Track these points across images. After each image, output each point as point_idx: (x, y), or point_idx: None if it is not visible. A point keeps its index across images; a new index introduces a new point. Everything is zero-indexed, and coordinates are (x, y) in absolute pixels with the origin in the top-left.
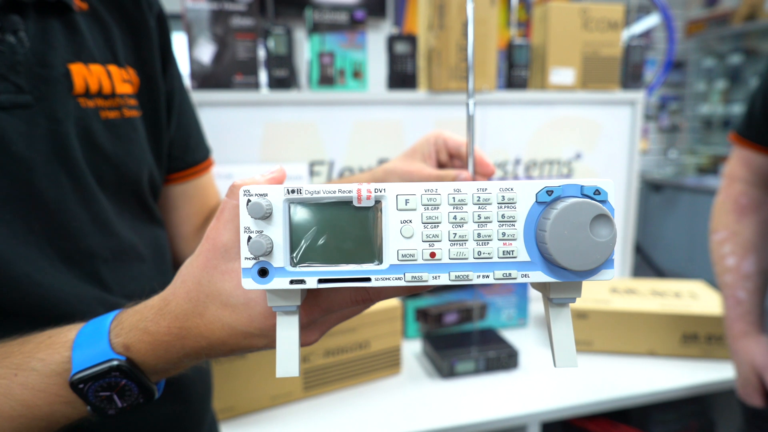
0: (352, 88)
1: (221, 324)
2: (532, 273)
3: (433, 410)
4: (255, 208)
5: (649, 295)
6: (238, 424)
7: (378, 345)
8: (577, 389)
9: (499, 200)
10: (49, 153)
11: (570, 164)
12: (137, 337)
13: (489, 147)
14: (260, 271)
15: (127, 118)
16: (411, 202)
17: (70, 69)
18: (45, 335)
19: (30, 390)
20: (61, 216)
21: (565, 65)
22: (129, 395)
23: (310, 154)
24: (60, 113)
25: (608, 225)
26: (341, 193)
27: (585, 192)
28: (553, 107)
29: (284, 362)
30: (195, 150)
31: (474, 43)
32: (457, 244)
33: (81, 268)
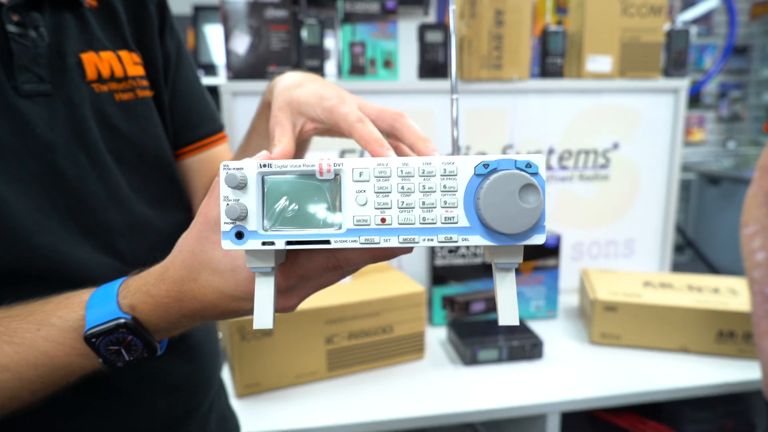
0: (382, 77)
1: (212, 288)
2: (471, 237)
3: (453, 395)
4: (230, 179)
5: (685, 289)
6: (264, 399)
7: (401, 330)
8: (602, 382)
9: (441, 172)
10: (68, 135)
11: (606, 154)
12: (141, 298)
13: (519, 137)
14: (237, 234)
15: (140, 98)
16: (364, 174)
17: (82, 58)
18: (63, 297)
19: (51, 342)
20: (81, 192)
21: (603, 52)
22: (134, 350)
23: (342, 142)
24: (76, 99)
25: (535, 193)
26: (305, 167)
27: (518, 165)
28: (589, 96)
29: (260, 316)
30: (199, 125)
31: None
32: (405, 211)
33: (99, 240)
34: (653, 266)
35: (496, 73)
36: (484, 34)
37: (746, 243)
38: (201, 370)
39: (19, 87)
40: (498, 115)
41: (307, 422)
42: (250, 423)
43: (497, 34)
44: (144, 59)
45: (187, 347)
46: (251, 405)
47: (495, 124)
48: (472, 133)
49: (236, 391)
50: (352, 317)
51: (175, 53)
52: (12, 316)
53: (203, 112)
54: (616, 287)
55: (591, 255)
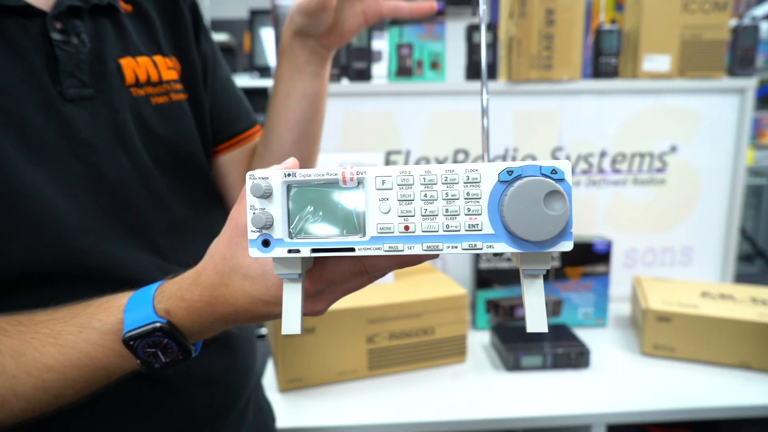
0: (429, 78)
1: (243, 293)
2: (496, 244)
3: (494, 401)
4: (255, 188)
5: (748, 302)
6: (305, 395)
7: (443, 332)
8: (653, 395)
9: (464, 180)
10: (110, 138)
11: (663, 157)
12: (175, 303)
13: (569, 139)
14: (263, 242)
15: (174, 101)
16: (387, 182)
17: (121, 63)
18: (104, 300)
19: (92, 344)
20: (123, 192)
21: (661, 51)
22: (170, 352)
23: (388, 143)
24: (117, 103)
25: (561, 200)
26: (329, 176)
27: (543, 172)
28: (646, 96)
29: (288, 322)
30: (237, 121)
31: (553, 31)
32: (428, 219)
33: (140, 238)
34: (713, 276)
35: (546, 74)
36: (534, 33)
37: None
38: (239, 364)
39: (64, 92)
40: (547, 117)
41: (347, 420)
42: (291, 417)
43: (548, 33)
44: (181, 63)
45: (225, 342)
46: (293, 400)
47: (544, 126)
48: (521, 135)
49: (279, 385)
50: (393, 317)
51: (212, 55)
52: (57, 319)
53: (239, 109)
54: (671, 297)
55: (645, 262)
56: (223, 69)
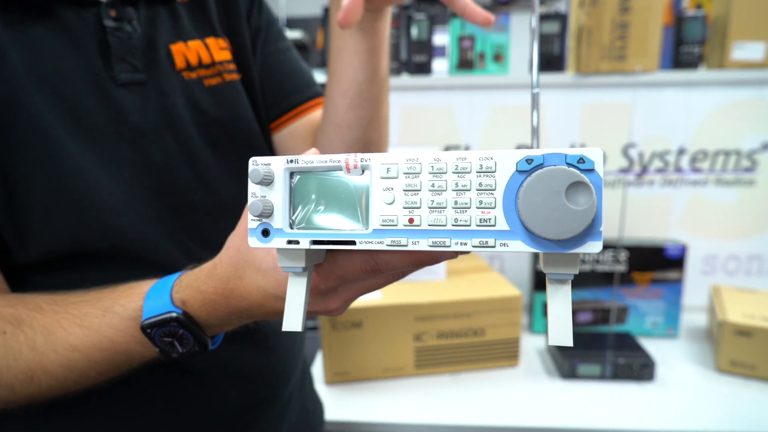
0: (492, 71)
1: (256, 287)
2: (511, 242)
3: (545, 409)
4: (254, 174)
5: None
6: (351, 389)
7: (494, 334)
8: (725, 415)
9: (477, 169)
10: (157, 121)
11: (753, 156)
12: (191, 294)
13: (642, 135)
14: (263, 231)
15: (228, 81)
16: (392, 170)
17: (171, 48)
18: (128, 286)
19: (114, 329)
20: (169, 175)
21: (754, 38)
22: (186, 343)
23: (446, 138)
24: (167, 87)
25: (587, 193)
26: (332, 163)
27: (569, 161)
28: (733, 88)
29: (290, 317)
30: (292, 94)
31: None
32: (436, 211)
33: (183, 220)
34: None
35: (619, 65)
36: (607, 22)
37: None
38: (275, 360)
39: (116, 76)
40: (618, 111)
41: (391, 416)
42: (335, 410)
43: (622, 22)
44: (232, 43)
45: (261, 337)
46: (338, 392)
47: (614, 120)
48: (589, 129)
49: (325, 377)
50: (442, 316)
51: (265, 27)
52: (86, 301)
53: (297, 80)
54: (754, 309)
55: (727, 270)
56: (280, 42)
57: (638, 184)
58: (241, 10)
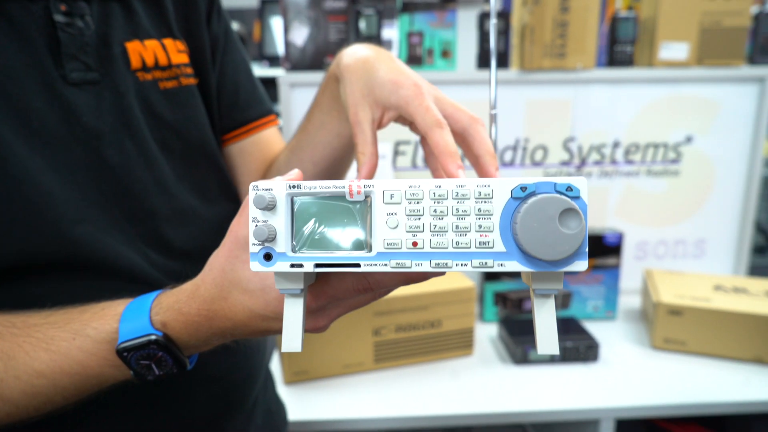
0: (440, 67)
1: (242, 307)
2: (507, 262)
3: (501, 394)
4: (258, 200)
5: (762, 295)
6: (311, 387)
7: (450, 325)
8: (663, 389)
9: (476, 195)
10: (114, 123)
11: (678, 148)
12: (172, 316)
13: (581, 129)
14: (265, 255)
15: (184, 85)
16: (395, 197)
17: (126, 47)
18: (99, 307)
19: (85, 353)
20: (127, 179)
21: (678, 39)
22: (165, 365)
23: (396, 133)
24: (122, 87)
25: (576, 218)
26: (335, 189)
27: (558, 189)
28: (661, 86)
29: (289, 339)
30: (246, 108)
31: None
32: (437, 235)
33: (143, 226)
34: (727, 269)
35: (560, 63)
36: (548, 21)
37: None
38: (242, 363)
39: (67, 75)
40: (560, 107)
41: (353, 413)
42: (296, 410)
43: (562, 21)
44: (189, 46)
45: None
46: (298, 392)
47: (556, 116)
48: (532, 125)
49: (284, 378)
50: (400, 310)
51: (223, 36)
52: (51, 323)
53: (251, 95)
54: (683, 290)
55: (657, 255)
56: (237, 53)
57: (578, 176)
58: (201, 14)
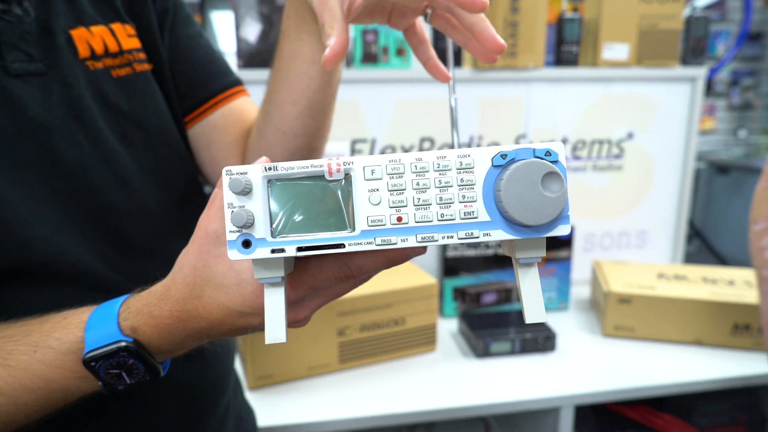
0: (395, 65)
1: (217, 305)
2: (493, 232)
3: (466, 388)
4: (234, 183)
5: (700, 281)
6: (276, 392)
7: (414, 322)
8: (616, 374)
9: (457, 166)
10: (65, 116)
11: (621, 144)
12: (143, 320)
13: (534, 126)
14: (244, 242)
15: (138, 72)
16: (376, 172)
17: (72, 35)
18: (61, 316)
19: (47, 366)
20: (82, 175)
21: (620, 40)
22: (136, 373)
23: (352, 132)
24: (70, 78)
25: (558, 181)
26: (313, 168)
27: (537, 154)
28: (605, 84)
29: (272, 330)
30: (208, 82)
31: (517, 19)
32: (422, 208)
33: (103, 225)
34: (665, 257)
35: (511, 62)
36: (500, 20)
37: (755, 240)
38: (212, 368)
39: (8, 66)
40: (512, 105)
41: (320, 415)
42: (262, 416)
43: (512, 21)
44: (139, 29)
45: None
46: (263, 397)
47: (508, 113)
48: (486, 122)
49: (248, 383)
50: (364, 309)
51: (172, 10)
52: (7, 337)
53: (212, 68)
54: (631, 279)
55: (603, 246)
56: (189, 26)
57: None
58: None
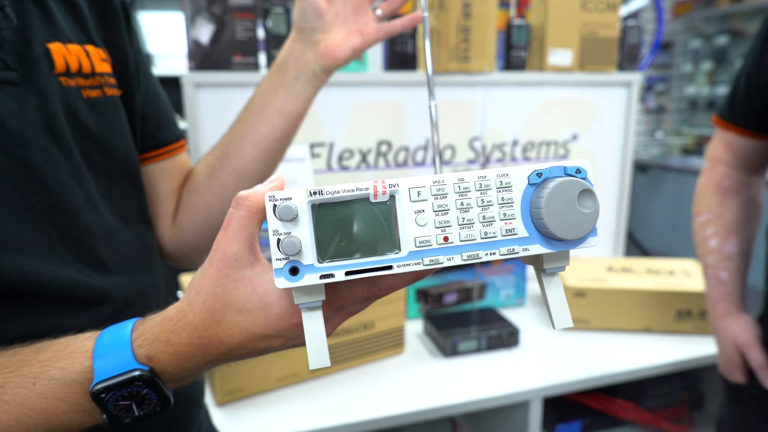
0: (351, 68)
1: (239, 329)
2: (531, 246)
3: (439, 388)
4: (285, 211)
5: (645, 273)
6: (246, 405)
7: (382, 325)
8: (576, 365)
9: (497, 185)
10: (41, 129)
11: (566, 145)
12: (160, 348)
13: (487, 129)
14: (291, 269)
15: (109, 96)
16: (422, 193)
17: (50, 48)
18: (62, 344)
19: (49, 399)
20: (58, 192)
21: (564, 46)
22: (147, 404)
23: (310, 135)
24: (47, 91)
25: (592, 198)
26: (359, 191)
27: (568, 172)
28: (551, 88)
29: (315, 355)
30: (168, 128)
31: (469, 24)
32: (466, 227)
33: (78, 244)
34: (608, 251)
35: (464, 66)
36: (453, 25)
37: (699, 230)
38: (188, 388)
39: None
40: (465, 108)
41: (292, 426)
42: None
43: (465, 26)
44: (112, 56)
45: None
46: (233, 412)
47: (462, 116)
48: (440, 125)
49: (216, 399)
50: None
51: (142, 55)
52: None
53: (168, 117)
54: (584, 273)
55: None
56: (152, 73)
57: None
58: (121, 23)
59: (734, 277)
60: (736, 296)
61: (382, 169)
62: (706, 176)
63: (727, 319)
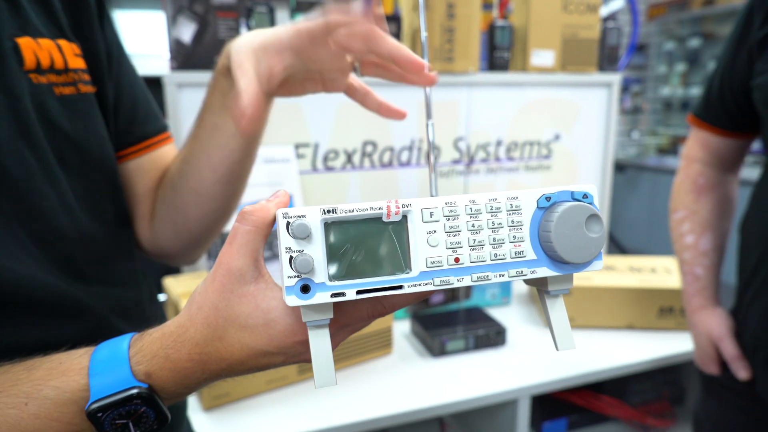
0: None
1: (240, 345)
2: (539, 269)
3: (428, 388)
4: (300, 229)
5: (627, 271)
6: (234, 410)
7: (370, 326)
8: (562, 363)
9: (507, 208)
10: (12, 130)
11: (549, 145)
12: (159, 364)
13: (471, 129)
14: (302, 287)
15: (83, 93)
16: (435, 214)
17: (18, 43)
18: (55, 361)
19: (42, 420)
20: (31, 196)
21: (546, 47)
22: (145, 422)
23: (295, 136)
24: (17, 89)
25: (599, 223)
26: (372, 211)
27: (575, 196)
28: (534, 89)
29: (322, 373)
30: (145, 123)
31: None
32: (476, 249)
33: (54, 250)
34: None
35: (448, 66)
36: (437, 26)
37: (675, 227)
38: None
39: None
40: (450, 108)
41: (281, 430)
42: None
43: (449, 27)
44: (84, 51)
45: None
46: (221, 417)
47: (447, 116)
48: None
49: (203, 404)
50: None
51: (116, 45)
52: None
53: (148, 109)
54: None
55: None
56: (129, 63)
57: (467, 173)
58: (93, 15)
59: (709, 272)
60: (711, 291)
61: (368, 170)
62: (682, 174)
63: (702, 312)
